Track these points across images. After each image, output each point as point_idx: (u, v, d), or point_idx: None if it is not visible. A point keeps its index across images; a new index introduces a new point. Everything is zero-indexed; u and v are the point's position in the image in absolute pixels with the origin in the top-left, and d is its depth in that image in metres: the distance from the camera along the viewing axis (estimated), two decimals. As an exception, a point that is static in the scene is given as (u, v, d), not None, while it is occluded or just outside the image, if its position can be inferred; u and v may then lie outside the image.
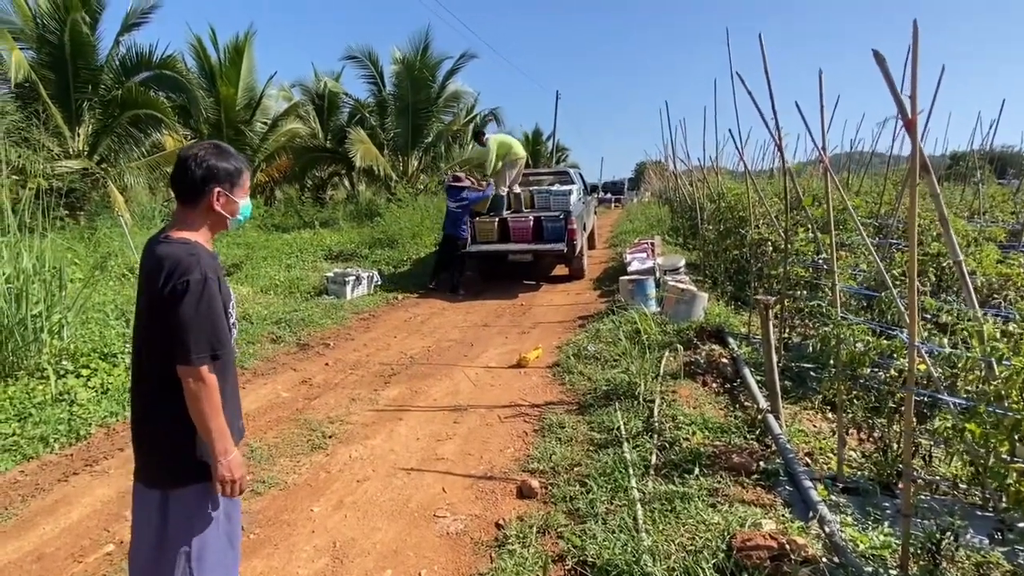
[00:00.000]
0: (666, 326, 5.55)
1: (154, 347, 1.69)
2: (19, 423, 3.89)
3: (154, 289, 1.63)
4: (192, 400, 1.63)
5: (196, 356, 1.60)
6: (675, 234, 12.46)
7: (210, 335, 1.63)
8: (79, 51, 12.11)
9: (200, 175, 1.72)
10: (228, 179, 1.77)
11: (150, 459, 1.79)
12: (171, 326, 1.61)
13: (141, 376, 1.78)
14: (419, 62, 15.82)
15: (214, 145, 1.80)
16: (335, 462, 3.57)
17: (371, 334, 6.56)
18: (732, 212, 6.72)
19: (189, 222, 1.75)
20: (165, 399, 1.70)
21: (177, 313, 1.59)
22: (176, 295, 1.59)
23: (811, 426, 3.78)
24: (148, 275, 1.68)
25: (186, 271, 1.61)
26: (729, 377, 4.36)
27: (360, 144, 15.22)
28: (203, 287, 1.62)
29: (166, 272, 1.61)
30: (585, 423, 3.90)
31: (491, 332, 6.57)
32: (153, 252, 1.69)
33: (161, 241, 1.71)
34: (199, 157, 1.73)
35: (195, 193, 1.73)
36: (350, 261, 11.02)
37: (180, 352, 1.60)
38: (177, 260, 1.62)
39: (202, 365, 1.61)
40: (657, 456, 3.28)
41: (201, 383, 1.62)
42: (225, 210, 1.78)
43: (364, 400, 4.56)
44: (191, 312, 1.60)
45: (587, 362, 5.09)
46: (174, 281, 1.60)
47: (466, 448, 3.73)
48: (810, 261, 4.39)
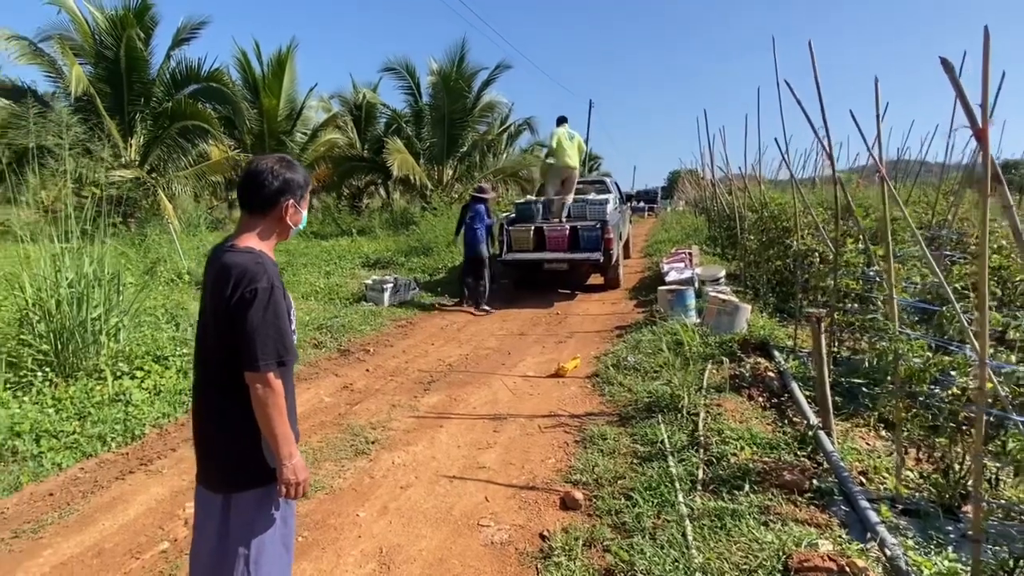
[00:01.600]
0: (708, 338, 5.46)
1: (220, 353, 1.73)
2: (79, 422, 4.05)
3: (221, 297, 1.67)
4: (259, 405, 1.66)
5: (263, 362, 1.63)
6: (712, 244, 12.27)
7: (277, 341, 1.66)
8: (133, 65, 12.67)
9: (276, 187, 1.77)
10: (299, 191, 1.83)
11: (214, 463, 1.84)
12: (239, 333, 1.64)
13: (206, 382, 1.82)
14: (455, 73, 16.02)
15: (284, 158, 1.85)
16: (379, 467, 3.61)
17: (409, 341, 6.63)
18: (775, 222, 6.58)
19: (256, 231, 1.80)
20: (231, 404, 1.74)
21: (245, 320, 1.63)
22: (244, 302, 1.63)
23: (864, 444, 3.65)
24: (214, 283, 1.73)
25: (253, 279, 1.65)
26: (776, 391, 4.26)
27: (397, 153, 15.47)
28: (270, 295, 1.66)
29: (234, 280, 1.65)
30: (627, 435, 3.85)
31: (528, 341, 6.56)
32: (219, 260, 1.73)
33: (228, 250, 1.75)
34: (275, 171, 1.79)
35: (268, 204, 1.78)
36: (387, 268, 11.18)
37: (248, 358, 1.63)
38: (244, 268, 1.67)
39: (269, 371, 1.64)
40: (704, 471, 3.22)
41: (268, 388, 1.65)
42: (292, 221, 1.84)
43: (404, 407, 4.61)
44: (258, 319, 1.64)
45: (627, 373, 5.04)
46: (242, 289, 1.64)
47: (507, 457, 3.72)
48: (860, 273, 4.27)
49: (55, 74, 12.33)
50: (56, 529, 3.03)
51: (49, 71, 12.31)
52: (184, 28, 13.77)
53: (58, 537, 2.96)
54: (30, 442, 3.74)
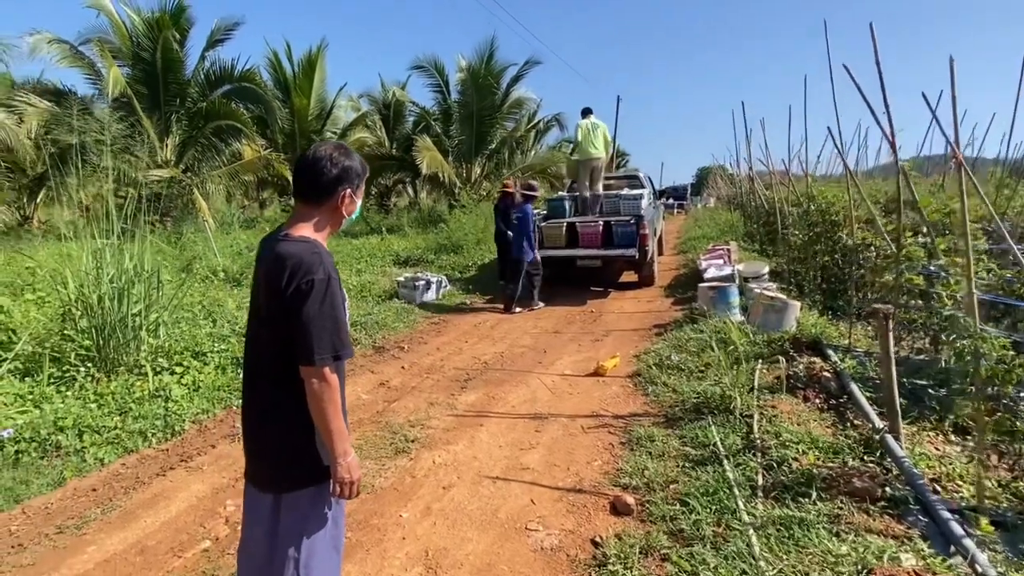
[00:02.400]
0: (755, 336, 5.24)
1: (274, 346, 1.64)
2: (120, 417, 4.05)
3: (275, 288, 1.59)
4: (315, 400, 1.59)
5: (319, 356, 1.56)
6: (750, 240, 11.93)
7: (333, 335, 1.58)
8: (169, 66, 12.89)
9: (335, 175, 1.70)
10: (357, 179, 1.76)
11: (266, 462, 1.75)
12: (294, 325, 1.57)
13: (259, 375, 1.74)
14: (484, 69, 15.92)
15: (341, 146, 1.78)
16: (420, 467, 3.51)
17: (443, 338, 6.54)
18: (823, 215, 6.31)
19: (312, 221, 1.72)
20: (284, 398, 1.65)
21: (301, 312, 1.55)
22: (300, 294, 1.56)
23: (933, 449, 3.42)
24: (268, 274, 1.64)
25: (310, 270, 1.57)
26: (833, 393, 4.03)
27: (426, 151, 15.45)
28: (327, 286, 1.58)
29: (289, 271, 1.57)
30: (676, 437, 3.68)
31: (563, 339, 6.42)
32: (273, 250, 1.65)
33: (281, 239, 1.67)
34: (334, 158, 1.70)
35: (326, 193, 1.71)
36: (417, 266, 11.15)
37: (303, 351, 1.56)
38: (300, 258, 1.59)
39: (325, 365, 1.57)
40: (764, 476, 3.04)
41: (325, 383, 1.57)
42: (346, 211, 1.76)
43: (442, 404, 4.51)
44: (315, 311, 1.56)
45: (670, 372, 4.86)
46: (298, 280, 1.56)
47: (551, 458, 3.59)
48: (924, 268, 4.02)
49: (94, 76, 12.62)
50: (99, 525, 3.01)
51: (89, 73, 12.60)
52: (218, 30, 13.97)
53: (101, 533, 2.93)
54: (73, 437, 3.75)
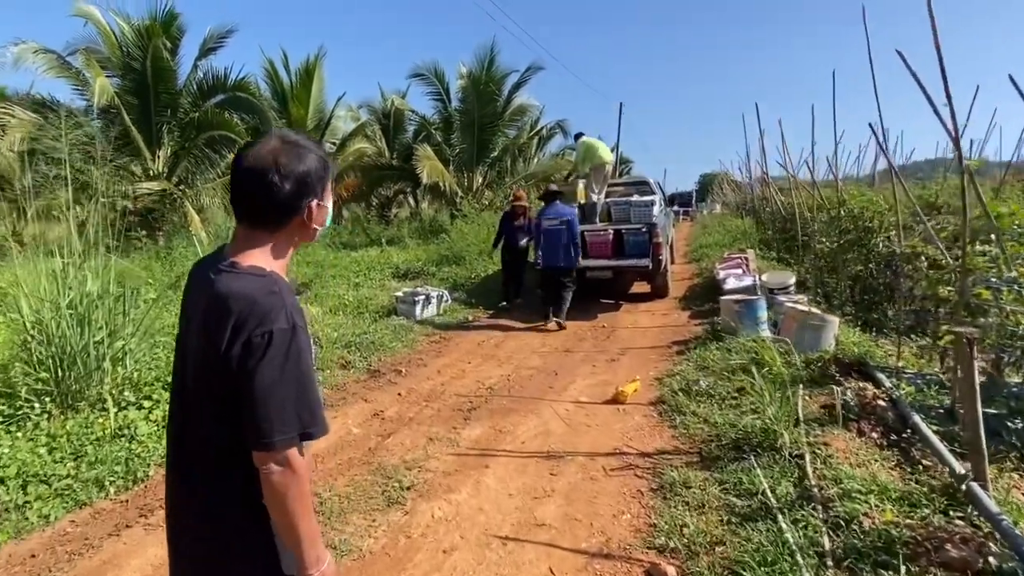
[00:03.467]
0: (789, 356, 4.71)
1: (211, 424, 1.19)
2: (75, 462, 3.54)
3: (217, 339, 1.14)
4: (276, 497, 1.14)
5: (281, 436, 1.12)
6: (766, 248, 11.42)
7: (300, 406, 1.14)
8: (160, 76, 12.49)
9: (290, 190, 1.22)
10: (320, 183, 1.29)
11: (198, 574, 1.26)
12: (244, 394, 1.12)
13: (188, 462, 1.26)
14: (485, 76, 15.51)
15: (287, 141, 1.26)
16: (416, 523, 2.99)
17: (444, 359, 6.03)
18: (856, 221, 5.80)
19: (266, 246, 1.26)
20: (228, 496, 1.20)
21: (255, 377, 1.11)
22: (253, 352, 1.12)
23: (1019, 495, 2.89)
24: (206, 317, 1.18)
25: (266, 318, 1.13)
26: (892, 425, 3.51)
27: (426, 160, 15.01)
28: (291, 340, 1.14)
29: (236, 317, 1.13)
30: (715, 483, 3.16)
31: (575, 359, 5.90)
32: (213, 285, 1.19)
33: (225, 270, 1.20)
34: (283, 166, 1.22)
35: (283, 215, 1.25)
36: (417, 279, 10.66)
37: (258, 431, 1.11)
38: (252, 301, 1.14)
39: (289, 448, 1.13)
40: (831, 538, 2.51)
41: (290, 473, 1.13)
42: (316, 222, 1.30)
43: (443, 440, 3.99)
44: (275, 375, 1.12)
45: (699, 400, 4.33)
46: (249, 331, 1.12)
47: (570, 510, 3.07)
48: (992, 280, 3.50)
49: (82, 87, 12.22)
50: (29, 608, 2.50)
51: (76, 84, 12.21)
52: (211, 38, 13.60)
53: (29, 620, 2.42)
54: (15, 489, 3.24)
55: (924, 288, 4.14)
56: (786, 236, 10.37)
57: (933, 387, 3.91)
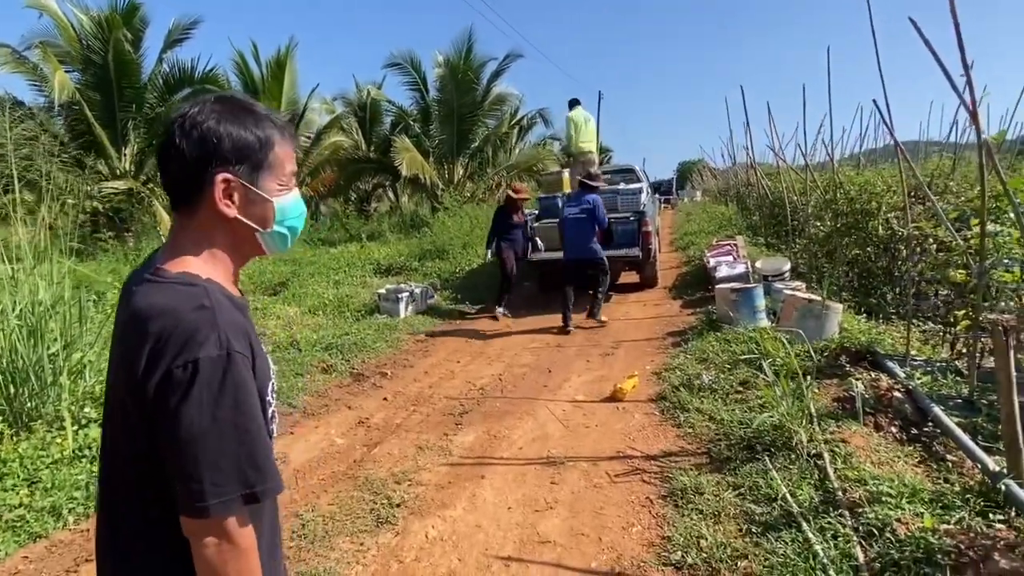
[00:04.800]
0: (791, 346, 4.52)
1: (133, 465, 0.91)
2: (28, 490, 3.21)
3: (133, 370, 0.86)
4: (205, 571, 0.86)
5: (216, 500, 0.83)
6: (753, 233, 11.29)
7: (240, 459, 0.86)
8: (123, 70, 11.94)
9: (190, 151, 0.91)
10: (244, 154, 0.95)
11: None
12: (168, 443, 0.85)
13: (115, 515, 0.96)
14: (463, 64, 15.13)
15: (221, 99, 0.98)
16: (408, 545, 2.73)
17: (431, 359, 5.76)
18: (852, 204, 5.63)
19: (192, 242, 0.96)
20: (152, 559, 0.92)
21: (177, 421, 0.83)
22: (174, 388, 0.83)
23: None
24: (124, 342, 0.91)
25: (190, 342, 0.84)
26: (910, 418, 3.32)
27: (405, 152, 14.63)
28: (224, 373, 0.85)
29: (155, 341, 0.85)
30: (729, 487, 2.94)
31: (568, 354, 5.67)
32: (132, 299, 0.92)
33: (149, 279, 0.92)
34: (191, 118, 0.92)
35: (188, 184, 0.94)
36: (400, 275, 10.35)
37: (186, 493, 0.84)
38: (175, 320, 0.86)
39: (228, 515, 0.85)
40: (864, 549, 2.30)
41: (226, 544, 0.86)
42: (247, 215, 0.97)
43: (434, 449, 3.73)
44: (204, 420, 0.83)
45: (702, 395, 4.13)
46: (170, 361, 0.83)
47: (576, 524, 2.83)
48: (1007, 261, 3.33)
49: (40, 82, 11.61)
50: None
51: (33, 79, 11.59)
52: (176, 29, 13.04)
53: None
54: (-41, 525, 2.91)
55: (930, 271, 3.97)
56: (774, 221, 10.23)
57: (948, 375, 3.74)
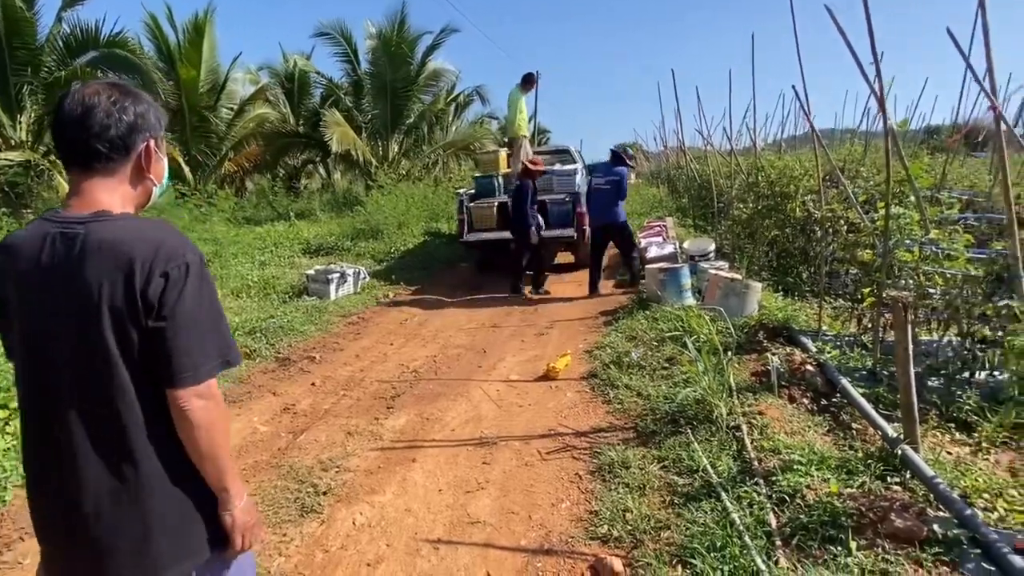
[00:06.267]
0: (716, 324, 4.69)
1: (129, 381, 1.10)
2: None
3: (119, 289, 1.07)
4: (198, 430, 1.12)
5: (206, 367, 1.14)
6: (682, 215, 11.64)
7: (218, 335, 1.17)
8: (14, 29, 10.79)
9: (128, 122, 1.17)
10: (157, 125, 1.25)
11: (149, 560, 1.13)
12: (165, 330, 1.09)
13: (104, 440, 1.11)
14: (396, 37, 14.63)
15: (119, 85, 1.22)
16: (335, 533, 2.66)
17: (363, 342, 5.61)
18: (772, 187, 5.88)
19: (114, 194, 1.18)
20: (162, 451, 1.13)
21: (176, 312, 1.09)
22: (173, 284, 1.09)
23: (945, 454, 2.96)
24: (91, 274, 1.07)
25: (177, 251, 1.11)
26: (820, 390, 3.53)
27: (336, 127, 14.07)
28: (202, 270, 1.15)
29: (141, 260, 1.07)
30: (654, 460, 3.04)
31: (503, 334, 5.66)
32: (84, 243, 1.08)
33: (91, 221, 1.11)
34: (116, 100, 1.17)
35: (119, 149, 1.18)
36: (331, 255, 10.02)
37: (181, 365, 1.10)
38: (156, 240, 1.11)
39: (212, 378, 1.15)
40: (776, 515, 2.43)
41: (213, 403, 1.15)
42: (154, 173, 1.26)
43: (363, 434, 3.64)
44: (195, 305, 1.12)
45: (630, 372, 4.22)
46: (163, 267, 1.09)
47: (506, 503, 2.84)
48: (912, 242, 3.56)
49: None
50: None
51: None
52: (75, -15, 11.85)
53: None
54: None
55: (841, 251, 4.21)
56: (701, 203, 10.58)
57: (855, 349, 4.00)
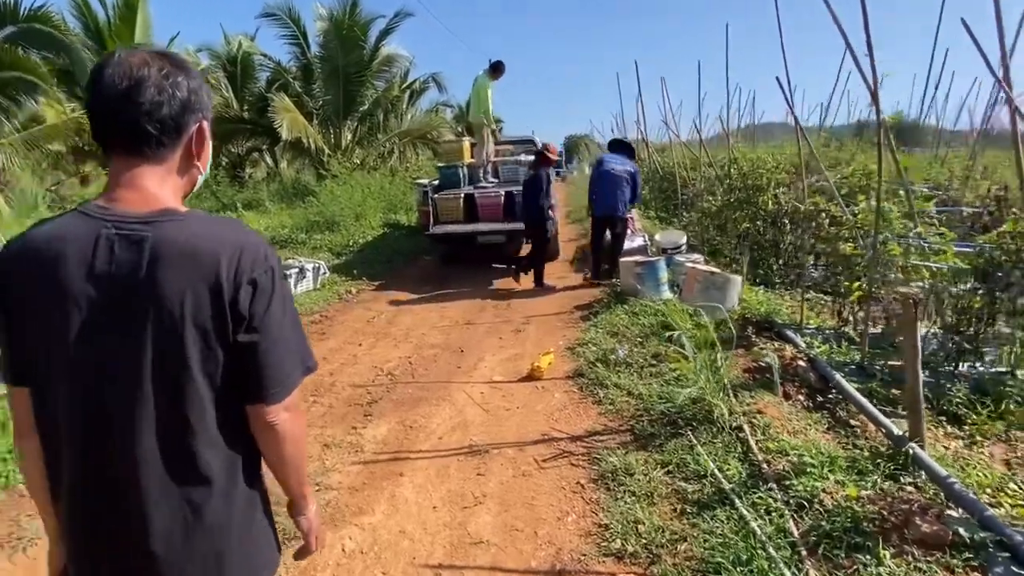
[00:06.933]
0: (696, 318, 4.63)
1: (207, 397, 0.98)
2: None
3: (201, 304, 0.94)
4: (286, 443, 1.08)
5: (295, 378, 1.06)
6: (643, 207, 11.66)
7: (303, 343, 1.09)
8: (-85, -3, 9.66)
9: (181, 100, 1.00)
10: (209, 105, 1.10)
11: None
12: (256, 342, 0.98)
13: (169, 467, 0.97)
14: (348, 20, 14.01)
15: (159, 52, 1.03)
16: (323, 562, 2.41)
17: (329, 343, 5.28)
18: (745, 179, 5.88)
19: (162, 186, 1.02)
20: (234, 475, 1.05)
21: (268, 319, 0.99)
22: (262, 292, 0.98)
23: (942, 448, 2.96)
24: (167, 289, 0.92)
25: (260, 255, 1.00)
26: (814, 386, 3.50)
27: (285, 113, 13.38)
28: (282, 276, 1.04)
29: (228, 264, 0.95)
30: (657, 464, 2.92)
31: (479, 332, 5.45)
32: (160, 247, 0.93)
33: (159, 220, 0.96)
34: (169, 73, 0.99)
35: (173, 131, 1.01)
36: (286, 248, 9.50)
37: (272, 381, 1.01)
38: (239, 243, 0.98)
39: (296, 388, 1.07)
40: (796, 523, 2.34)
41: (295, 413, 1.08)
42: (202, 157, 1.11)
43: (342, 446, 3.37)
44: (283, 313, 1.02)
45: (617, 370, 4.10)
46: (253, 273, 0.97)
47: (508, 518, 2.65)
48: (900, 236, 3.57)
49: None
50: None
51: None
52: (-12, -48, 10.73)
53: None
54: None
55: (822, 244, 4.20)
56: (663, 195, 10.63)
57: (841, 343, 4.00)
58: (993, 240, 3.35)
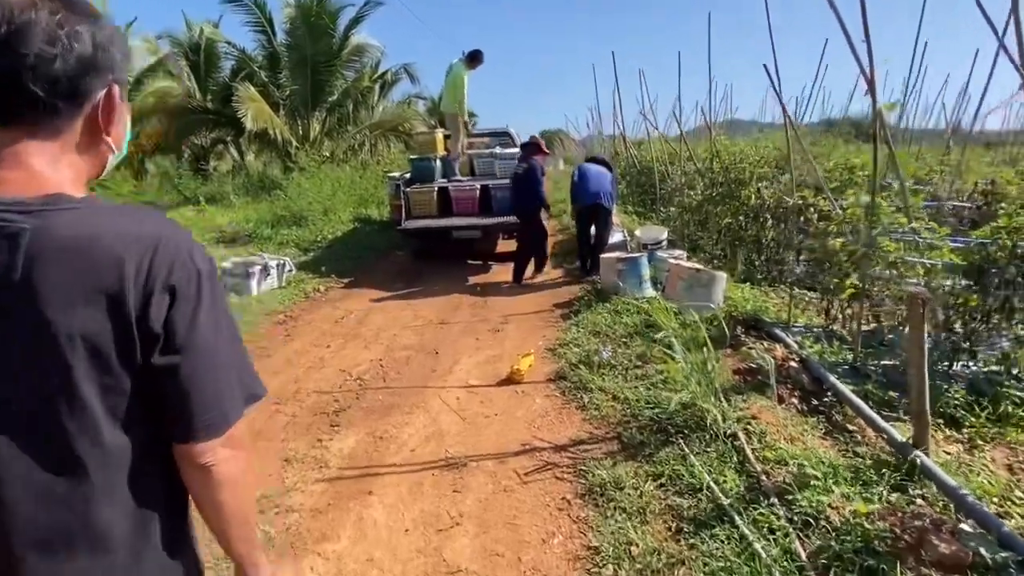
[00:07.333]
0: (681, 316, 4.46)
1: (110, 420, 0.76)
2: None
3: (97, 317, 0.73)
4: (225, 490, 0.86)
5: (234, 411, 0.85)
6: (621, 202, 11.52)
7: (242, 366, 0.88)
8: None
9: (81, 56, 0.77)
10: (124, 67, 0.85)
11: None
12: (181, 372, 0.79)
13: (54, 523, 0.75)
14: (316, 7, 13.50)
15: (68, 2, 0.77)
16: (280, 599, 2.14)
17: (295, 345, 4.96)
18: (727, 174, 5.73)
19: (55, 167, 0.79)
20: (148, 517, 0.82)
21: (193, 336, 0.79)
22: (182, 302, 0.78)
23: (943, 453, 2.83)
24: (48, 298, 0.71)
25: (183, 256, 0.80)
26: (807, 388, 3.34)
27: (251, 103, 12.84)
28: (215, 273, 0.84)
29: (136, 268, 0.75)
30: (648, 477, 2.72)
31: (455, 332, 5.19)
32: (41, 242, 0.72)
33: (49, 208, 0.73)
34: (60, 17, 0.74)
35: (67, 95, 0.78)
36: (250, 244, 9.08)
37: (203, 414, 0.81)
38: (151, 237, 0.78)
39: (236, 421, 0.86)
40: (803, 543, 2.16)
41: (240, 454, 0.88)
42: (114, 136, 0.86)
43: (305, 460, 3.08)
44: (214, 328, 0.82)
45: (601, 372, 3.90)
46: (168, 276, 0.77)
47: (488, 542, 2.42)
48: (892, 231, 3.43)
49: None
50: None
51: None
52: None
53: None
54: None
55: (811, 239, 4.06)
56: (641, 190, 10.49)
57: (832, 342, 3.86)
58: (987, 235, 3.24)
